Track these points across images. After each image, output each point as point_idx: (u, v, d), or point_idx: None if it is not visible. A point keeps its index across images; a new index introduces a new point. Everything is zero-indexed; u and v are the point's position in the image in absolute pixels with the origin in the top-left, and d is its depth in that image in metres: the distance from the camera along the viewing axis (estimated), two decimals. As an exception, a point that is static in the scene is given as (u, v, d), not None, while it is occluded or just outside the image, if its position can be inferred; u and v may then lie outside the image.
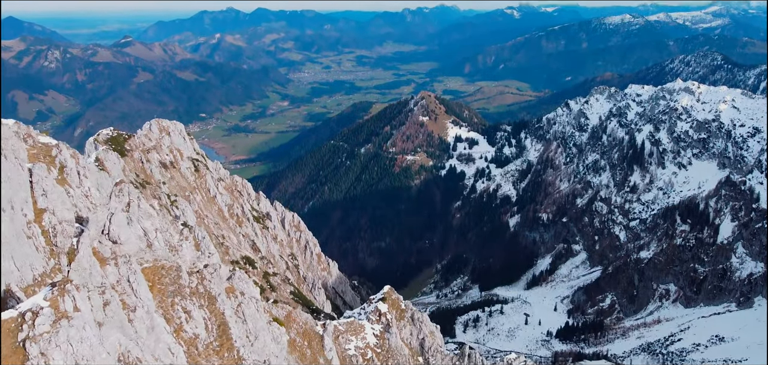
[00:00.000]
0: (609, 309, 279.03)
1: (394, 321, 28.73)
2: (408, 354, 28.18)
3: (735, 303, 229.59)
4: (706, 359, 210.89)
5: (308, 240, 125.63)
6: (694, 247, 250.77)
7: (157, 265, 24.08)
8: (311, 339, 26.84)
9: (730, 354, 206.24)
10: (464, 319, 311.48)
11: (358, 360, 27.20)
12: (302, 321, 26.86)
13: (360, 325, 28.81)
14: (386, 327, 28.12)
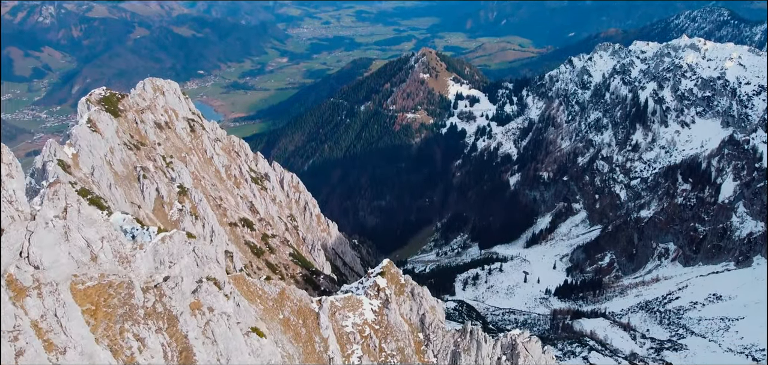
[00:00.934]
0: (608, 268, 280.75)
1: (393, 296, 27.59)
2: (408, 331, 27.20)
3: (734, 262, 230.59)
4: (703, 317, 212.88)
5: (307, 201, 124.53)
6: (694, 206, 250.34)
7: (102, 284, 19.96)
8: (306, 316, 25.61)
9: (728, 312, 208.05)
10: (464, 277, 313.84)
11: (355, 337, 26.16)
12: (296, 299, 25.61)
13: (358, 300, 27.64)
14: (385, 303, 27.03)
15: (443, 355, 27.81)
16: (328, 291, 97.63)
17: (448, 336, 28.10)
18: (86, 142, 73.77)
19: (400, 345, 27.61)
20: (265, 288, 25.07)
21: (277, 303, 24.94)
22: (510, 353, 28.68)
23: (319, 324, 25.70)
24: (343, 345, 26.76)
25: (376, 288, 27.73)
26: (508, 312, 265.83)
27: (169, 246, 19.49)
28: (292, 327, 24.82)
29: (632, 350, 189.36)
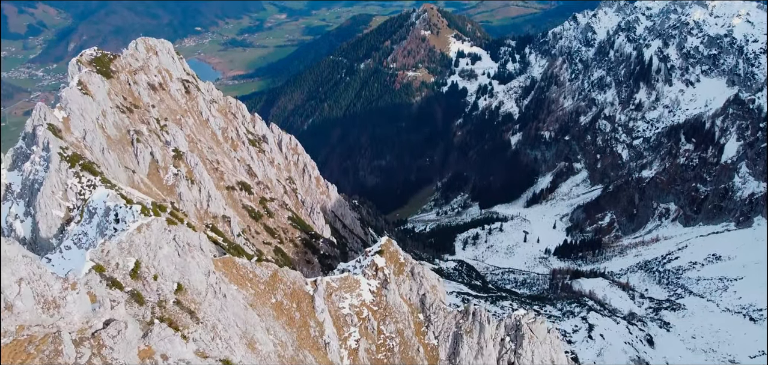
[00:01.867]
0: (608, 228, 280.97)
1: (392, 276, 26.26)
2: (407, 311, 25.97)
3: (734, 223, 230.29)
4: (702, 277, 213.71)
5: (306, 163, 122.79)
6: (697, 166, 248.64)
7: (20, 340, 15.60)
8: (300, 299, 24.28)
9: (727, 272, 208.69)
10: (464, 237, 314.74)
11: (352, 319, 24.94)
12: (290, 281, 24.22)
13: (355, 280, 26.31)
14: (384, 283, 25.73)
15: (445, 337, 26.67)
16: (328, 255, 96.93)
17: (449, 317, 26.91)
18: (77, 105, 71.65)
19: (399, 327, 26.41)
20: (256, 270, 23.64)
21: (269, 287, 23.57)
22: (514, 334, 27.57)
23: (315, 307, 24.36)
24: (340, 327, 25.53)
25: (374, 267, 26.36)
26: (508, 272, 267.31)
27: (146, 236, 17.70)
28: (285, 311, 23.49)
29: (631, 309, 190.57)
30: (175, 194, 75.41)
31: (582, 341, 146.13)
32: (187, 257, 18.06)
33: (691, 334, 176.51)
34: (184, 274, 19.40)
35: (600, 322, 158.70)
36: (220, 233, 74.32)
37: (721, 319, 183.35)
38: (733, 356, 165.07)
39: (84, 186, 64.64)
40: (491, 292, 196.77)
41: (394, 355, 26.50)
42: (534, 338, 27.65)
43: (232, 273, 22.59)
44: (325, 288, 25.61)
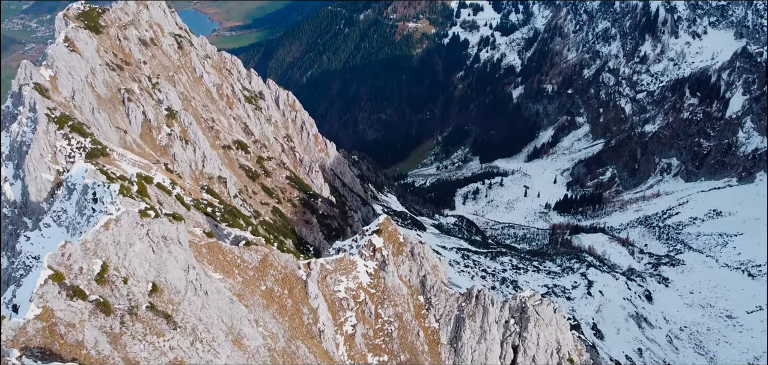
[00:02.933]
0: (609, 183, 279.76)
1: (390, 257, 24.62)
2: (407, 294, 24.53)
3: (736, 178, 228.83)
4: (702, 232, 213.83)
5: (304, 121, 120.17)
6: (701, 121, 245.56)
7: None
8: (292, 285, 22.74)
9: (726, 228, 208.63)
10: (464, 191, 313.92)
11: (349, 303, 23.46)
12: (281, 265, 22.61)
13: (351, 262, 24.68)
14: (381, 265, 24.14)
15: (446, 320, 25.30)
16: (327, 215, 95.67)
17: (451, 300, 25.46)
18: (64, 63, 68.97)
19: (398, 311, 25.02)
20: (244, 256, 21.99)
21: (259, 273, 21.99)
22: (519, 316, 26.20)
23: (308, 293, 22.83)
24: (335, 312, 24.10)
25: (372, 248, 24.72)
26: (508, 227, 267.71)
27: (115, 234, 15.76)
28: (276, 298, 21.96)
29: (630, 265, 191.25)
30: (169, 155, 73.52)
31: (581, 297, 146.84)
32: (163, 253, 16.23)
33: (689, 290, 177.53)
34: (160, 272, 17.05)
35: (599, 278, 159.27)
36: (215, 195, 72.73)
37: (720, 275, 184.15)
38: (730, 311, 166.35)
39: (74, 149, 62.66)
40: (491, 248, 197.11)
41: (392, 340, 25.17)
42: (540, 320, 26.35)
43: (217, 261, 20.96)
44: (319, 270, 24.07)
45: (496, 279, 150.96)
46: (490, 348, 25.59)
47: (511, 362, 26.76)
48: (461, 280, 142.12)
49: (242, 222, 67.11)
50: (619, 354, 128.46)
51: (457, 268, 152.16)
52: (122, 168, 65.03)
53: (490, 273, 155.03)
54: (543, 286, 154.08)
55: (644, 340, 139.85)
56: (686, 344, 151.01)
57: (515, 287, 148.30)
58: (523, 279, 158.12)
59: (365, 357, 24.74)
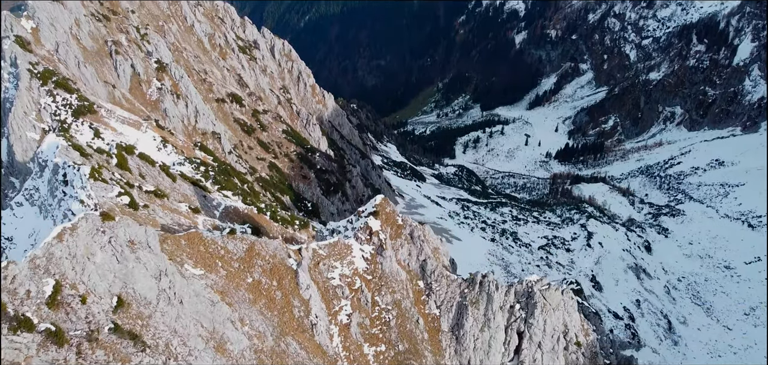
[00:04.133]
0: (611, 131, 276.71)
1: (388, 241, 22.79)
2: (405, 279, 22.88)
3: (740, 128, 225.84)
4: (703, 182, 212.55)
5: (301, 71, 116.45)
6: (707, 69, 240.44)
7: None
8: (282, 275, 21.00)
9: (728, 178, 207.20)
10: (464, 140, 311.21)
11: (343, 291, 21.82)
12: (269, 254, 20.78)
13: (346, 246, 22.83)
14: (379, 249, 22.39)
15: (447, 307, 23.71)
16: (325, 170, 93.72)
17: (453, 286, 23.82)
18: (46, 14, 65.53)
19: (396, 298, 23.40)
20: (228, 246, 20.14)
21: (245, 264, 20.19)
22: (525, 301, 24.62)
23: (298, 283, 21.07)
24: (329, 301, 22.45)
25: (368, 230, 22.86)
26: (508, 176, 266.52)
27: (71, 246, 13.54)
28: (264, 291, 20.23)
29: (630, 215, 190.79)
30: (160, 110, 70.92)
31: (580, 249, 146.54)
32: (129, 262, 14.23)
33: (688, 240, 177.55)
34: (126, 283, 14.98)
35: (599, 230, 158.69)
36: (209, 152, 70.54)
37: (720, 225, 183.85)
38: (728, 261, 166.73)
39: (59, 106, 60.11)
40: (491, 198, 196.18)
41: (390, 329, 23.62)
42: (547, 306, 24.82)
43: (198, 254, 19.11)
44: (311, 256, 22.28)
45: (496, 230, 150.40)
46: (494, 336, 24.15)
47: (516, 348, 25.36)
48: (461, 232, 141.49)
49: (237, 181, 65.20)
50: (617, 306, 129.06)
51: (456, 220, 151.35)
52: (111, 125, 62.60)
53: (490, 224, 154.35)
54: (542, 237, 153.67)
55: (642, 291, 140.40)
56: (684, 294, 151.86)
57: (515, 239, 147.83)
58: (522, 230, 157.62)
59: (361, 348, 23.22)
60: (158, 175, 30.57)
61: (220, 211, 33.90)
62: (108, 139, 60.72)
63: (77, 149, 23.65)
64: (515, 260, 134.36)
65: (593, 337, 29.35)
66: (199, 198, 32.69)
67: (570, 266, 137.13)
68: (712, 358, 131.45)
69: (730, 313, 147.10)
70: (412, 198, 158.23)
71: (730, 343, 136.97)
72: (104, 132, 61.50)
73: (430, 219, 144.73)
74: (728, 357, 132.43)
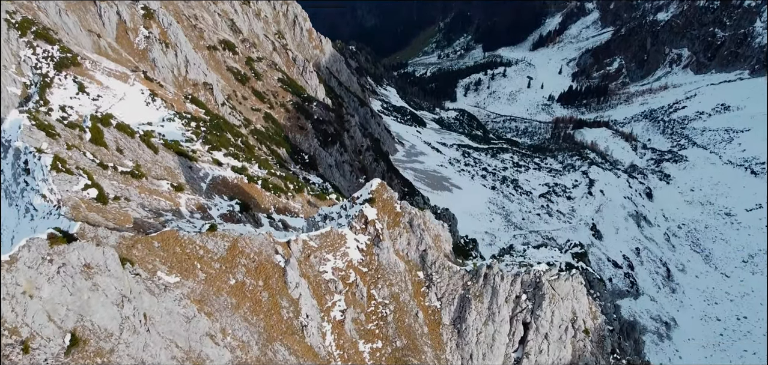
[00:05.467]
0: (615, 74, 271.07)
1: (385, 231, 20.77)
2: (404, 270, 21.05)
3: (749, 71, 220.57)
4: (707, 128, 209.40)
5: (297, 14, 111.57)
6: (717, 9, 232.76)
7: None
8: (269, 274, 19.18)
9: (733, 123, 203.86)
10: (465, 82, 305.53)
11: (336, 286, 20.05)
12: (254, 252, 18.82)
13: (339, 236, 20.84)
14: (375, 240, 20.45)
15: (449, 299, 22.01)
16: (322, 120, 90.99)
17: (455, 278, 22.02)
18: (22, -44, 61.41)
19: (394, 291, 21.67)
20: (208, 245, 18.16)
21: (227, 265, 18.31)
22: (532, 292, 22.93)
23: (287, 282, 19.25)
24: (321, 296, 20.71)
25: (364, 219, 20.85)
26: (510, 120, 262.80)
27: (8, 283, 11.19)
28: (248, 294, 18.43)
29: (632, 161, 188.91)
30: (148, 60, 67.69)
31: (581, 197, 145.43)
32: (83, 292, 12.11)
33: (690, 187, 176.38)
34: (83, 316, 12.65)
35: (601, 177, 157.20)
36: (201, 104, 67.76)
37: (722, 171, 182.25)
38: (729, 208, 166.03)
39: (40, 59, 57.11)
40: (492, 143, 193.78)
41: (387, 324, 22.00)
42: (555, 297, 23.16)
43: (173, 257, 17.18)
44: (301, 249, 20.38)
45: (497, 178, 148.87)
46: (499, 330, 22.60)
47: (521, 339, 23.86)
48: (461, 181, 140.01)
49: (230, 136, 62.78)
50: (617, 255, 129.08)
51: (457, 167, 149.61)
52: (96, 78, 59.62)
53: (491, 171, 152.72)
54: (543, 185, 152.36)
55: (642, 239, 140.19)
56: (683, 242, 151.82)
57: (516, 186, 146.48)
58: (523, 177, 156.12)
59: (356, 345, 21.68)
60: (138, 148, 28.29)
61: (208, 183, 31.82)
62: (93, 93, 57.97)
63: (43, 128, 21.40)
64: (516, 209, 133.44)
65: (601, 320, 27.87)
66: (184, 169, 30.53)
67: (570, 214, 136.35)
68: (708, 305, 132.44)
69: (729, 260, 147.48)
70: (413, 145, 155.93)
71: (727, 290, 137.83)
72: (89, 86, 58.62)
73: (430, 168, 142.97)
74: (725, 304, 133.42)
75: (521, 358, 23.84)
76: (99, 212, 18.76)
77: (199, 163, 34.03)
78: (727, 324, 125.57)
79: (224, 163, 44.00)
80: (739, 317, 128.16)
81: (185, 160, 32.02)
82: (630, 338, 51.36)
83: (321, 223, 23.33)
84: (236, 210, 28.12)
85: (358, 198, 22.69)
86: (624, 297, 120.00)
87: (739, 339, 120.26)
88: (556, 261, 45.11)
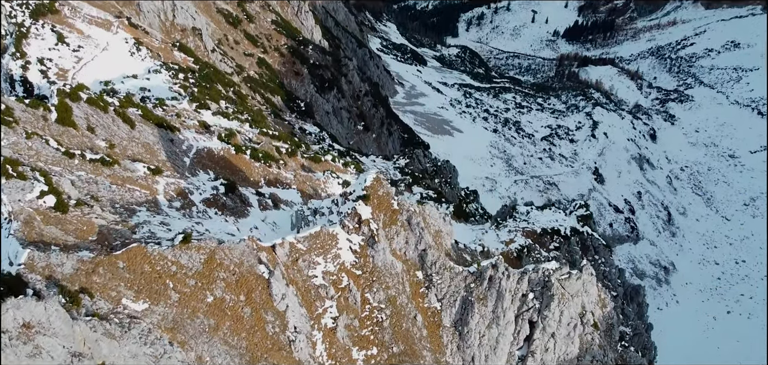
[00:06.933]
0: (623, 8, 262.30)
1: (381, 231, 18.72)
2: (401, 271, 19.16)
3: (761, 6, 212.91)
4: (715, 66, 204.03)
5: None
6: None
7: None
8: (251, 287, 17.32)
9: (743, 61, 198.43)
10: (468, 17, 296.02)
11: (328, 291, 18.23)
12: (234, 263, 16.81)
13: (330, 236, 18.81)
14: (370, 241, 18.44)
15: (450, 301, 20.28)
16: (319, 64, 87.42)
17: (457, 279, 20.22)
18: None
19: (391, 294, 19.91)
20: (181, 259, 16.13)
21: (203, 280, 16.40)
22: (540, 291, 21.24)
23: (272, 294, 17.43)
24: (311, 303, 18.97)
25: (357, 218, 18.80)
26: (513, 56, 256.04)
27: None
28: (228, 311, 16.62)
29: (637, 101, 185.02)
30: (133, 5, 63.80)
31: (585, 140, 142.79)
32: (21, 358, 10.17)
33: (694, 128, 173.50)
34: None
35: (605, 118, 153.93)
36: (190, 52, 64.37)
37: (728, 112, 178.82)
38: (733, 150, 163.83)
39: (14, 6, 53.62)
40: (494, 82, 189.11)
41: (383, 330, 20.39)
42: (565, 295, 21.49)
43: (142, 278, 15.23)
44: (288, 253, 18.46)
45: (499, 120, 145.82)
46: (503, 333, 21.04)
47: (526, 337, 22.34)
48: (462, 123, 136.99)
49: (221, 87, 59.88)
50: (618, 199, 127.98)
51: (458, 109, 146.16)
52: (76, 27, 56.19)
53: (493, 113, 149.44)
54: (546, 127, 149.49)
55: (644, 183, 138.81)
56: (685, 184, 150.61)
57: (518, 129, 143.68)
58: (526, 119, 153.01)
59: (350, 353, 20.12)
60: (112, 124, 25.85)
61: (191, 158, 29.55)
62: (74, 43, 54.57)
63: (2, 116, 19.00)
64: (517, 152, 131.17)
65: (610, 308, 26.33)
66: (164, 143, 28.21)
67: (573, 158, 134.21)
68: (707, 249, 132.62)
69: (730, 203, 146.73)
70: (413, 86, 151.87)
71: (726, 234, 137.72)
72: (69, 36, 55.15)
73: (430, 110, 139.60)
74: (724, 247, 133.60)
75: (526, 356, 22.44)
76: (58, 224, 16.66)
77: (183, 133, 31.65)
78: (725, 268, 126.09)
79: (212, 125, 41.56)
80: (737, 261, 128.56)
81: (166, 132, 29.65)
82: (633, 302, 50.50)
83: (310, 218, 21.32)
84: (221, 193, 26.03)
85: (350, 194, 20.57)
86: (624, 243, 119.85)
87: (736, 283, 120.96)
88: (560, 226, 43.45)
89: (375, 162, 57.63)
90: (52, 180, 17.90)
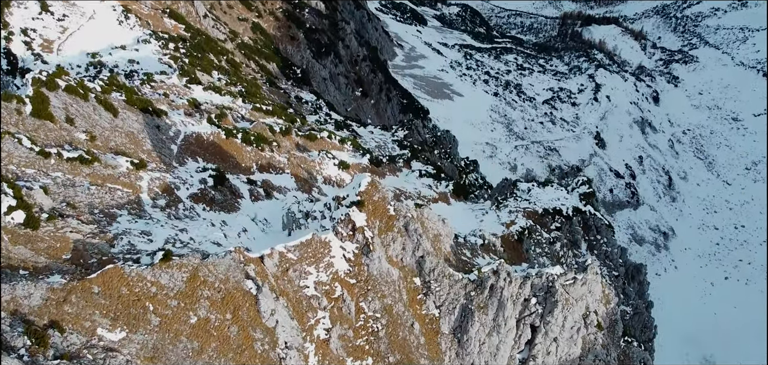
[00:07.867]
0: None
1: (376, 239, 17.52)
2: (398, 278, 18.06)
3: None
4: (722, 25, 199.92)
5: None
6: None
7: None
8: (238, 304, 16.30)
9: (750, 21, 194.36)
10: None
11: (320, 302, 17.26)
12: (219, 279, 15.70)
13: (323, 244, 17.69)
14: (364, 249, 17.32)
15: (449, 308, 19.32)
16: (315, 28, 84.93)
17: (457, 287, 19.20)
18: None
19: (387, 303, 18.96)
20: (161, 280, 15.01)
21: (186, 300, 15.36)
22: (543, 296, 20.26)
23: (260, 311, 16.45)
24: (302, 315, 18.01)
25: (351, 226, 17.65)
26: (514, 15, 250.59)
27: None
28: (214, 331, 15.64)
29: (640, 62, 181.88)
30: (120, -31, 60.98)
31: (587, 103, 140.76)
32: None
33: (698, 90, 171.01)
34: None
35: (607, 81, 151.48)
36: (180, 18, 62.08)
37: (733, 73, 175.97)
38: (737, 113, 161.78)
39: (-6, -27, 51.17)
40: (496, 42, 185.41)
41: (379, 340, 19.52)
42: (569, 301, 20.55)
43: (119, 304, 14.18)
44: (277, 264, 17.41)
45: (500, 83, 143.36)
46: (504, 340, 20.19)
47: (528, 342, 21.52)
48: (463, 87, 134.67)
49: (213, 57, 57.98)
50: (619, 164, 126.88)
51: (458, 71, 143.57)
52: None
53: (493, 75, 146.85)
54: (548, 90, 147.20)
55: (646, 147, 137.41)
56: (687, 148, 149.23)
57: (519, 92, 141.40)
58: (527, 81, 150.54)
59: (344, 364, 19.20)
60: (93, 113, 24.41)
61: (179, 145, 28.20)
62: (59, 12, 52.34)
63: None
64: (518, 116, 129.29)
65: (614, 304, 25.48)
66: (150, 131, 26.81)
67: (575, 122, 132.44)
68: (707, 214, 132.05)
69: (732, 168, 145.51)
70: (413, 47, 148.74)
71: (727, 199, 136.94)
72: (53, 4, 52.90)
73: (430, 73, 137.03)
74: (724, 212, 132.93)
75: (527, 360, 21.68)
76: (27, 242, 15.52)
77: (170, 117, 30.19)
78: (725, 233, 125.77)
79: (203, 102, 40.05)
80: (736, 226, 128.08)
81: (152, 118, 28.20)
82: (634, 280, 49.90)
83: (302, 221, 20.20)
84: (210, 186, 24.82)
85: (343, 200, 19.38)
86: (624, 208, 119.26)
87: (735, 249, 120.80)
88: (562, 205, 42.39)
89: (373, 134, 56.16)
90: (22, 192, 16.66)
